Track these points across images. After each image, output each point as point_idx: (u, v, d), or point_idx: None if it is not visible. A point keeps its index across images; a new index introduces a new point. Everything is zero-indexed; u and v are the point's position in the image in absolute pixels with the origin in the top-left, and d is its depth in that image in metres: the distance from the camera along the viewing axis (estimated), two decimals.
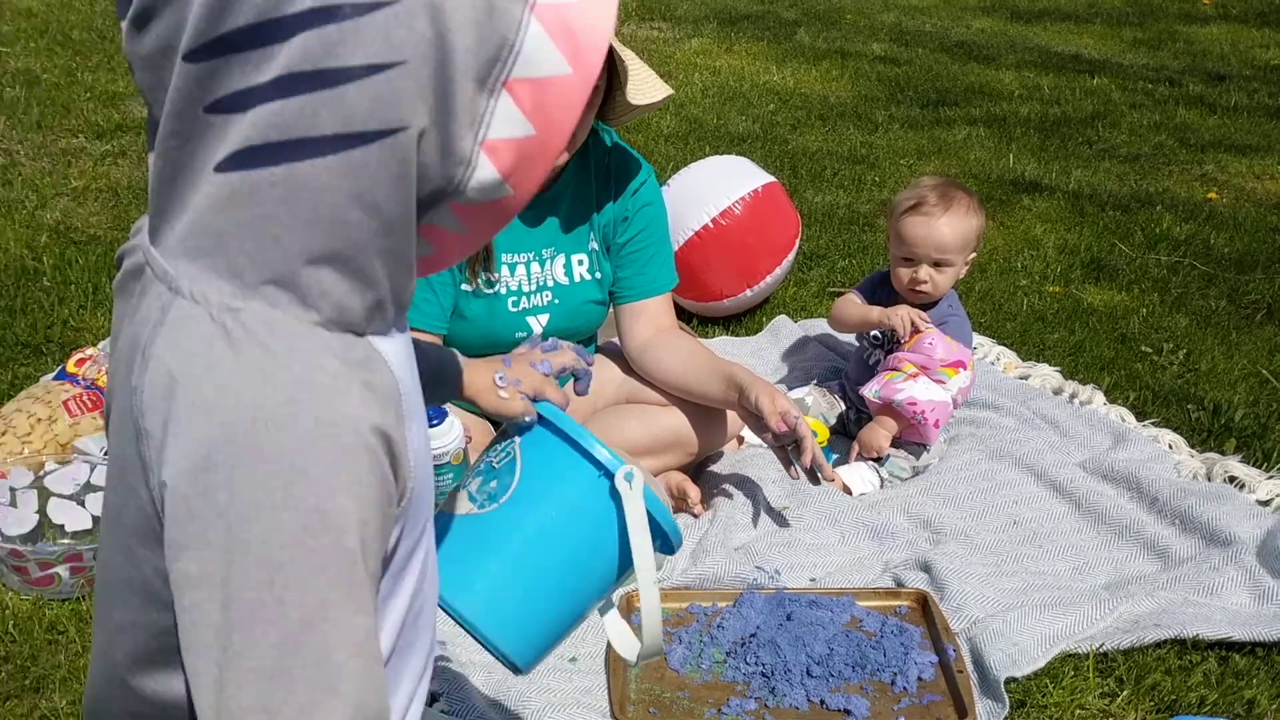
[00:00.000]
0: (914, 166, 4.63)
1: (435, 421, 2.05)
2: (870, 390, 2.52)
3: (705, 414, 2.34)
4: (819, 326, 3.20)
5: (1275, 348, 3.16)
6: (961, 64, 6.35)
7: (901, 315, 2.56)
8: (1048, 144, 5.01)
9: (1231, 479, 2.49)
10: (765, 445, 2.57)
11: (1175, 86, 6.01)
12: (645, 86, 2.09)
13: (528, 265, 2.25)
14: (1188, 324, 3.30)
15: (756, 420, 2.21)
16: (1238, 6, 8.10)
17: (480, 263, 2.19)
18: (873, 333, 2.68)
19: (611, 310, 2.43)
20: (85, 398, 2.53)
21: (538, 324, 2.29)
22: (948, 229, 2.55)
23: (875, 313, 2.62)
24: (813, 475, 2.23)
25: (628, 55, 2.06)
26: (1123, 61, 6.56)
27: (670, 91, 2.11)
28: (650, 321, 2.36)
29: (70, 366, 2.65)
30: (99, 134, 4.50)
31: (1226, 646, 2.00)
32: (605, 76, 2.07)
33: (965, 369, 2.55)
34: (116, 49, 5.59)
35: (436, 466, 1.98)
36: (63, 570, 2.03)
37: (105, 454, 2.42)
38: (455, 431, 2.12)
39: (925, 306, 2.64)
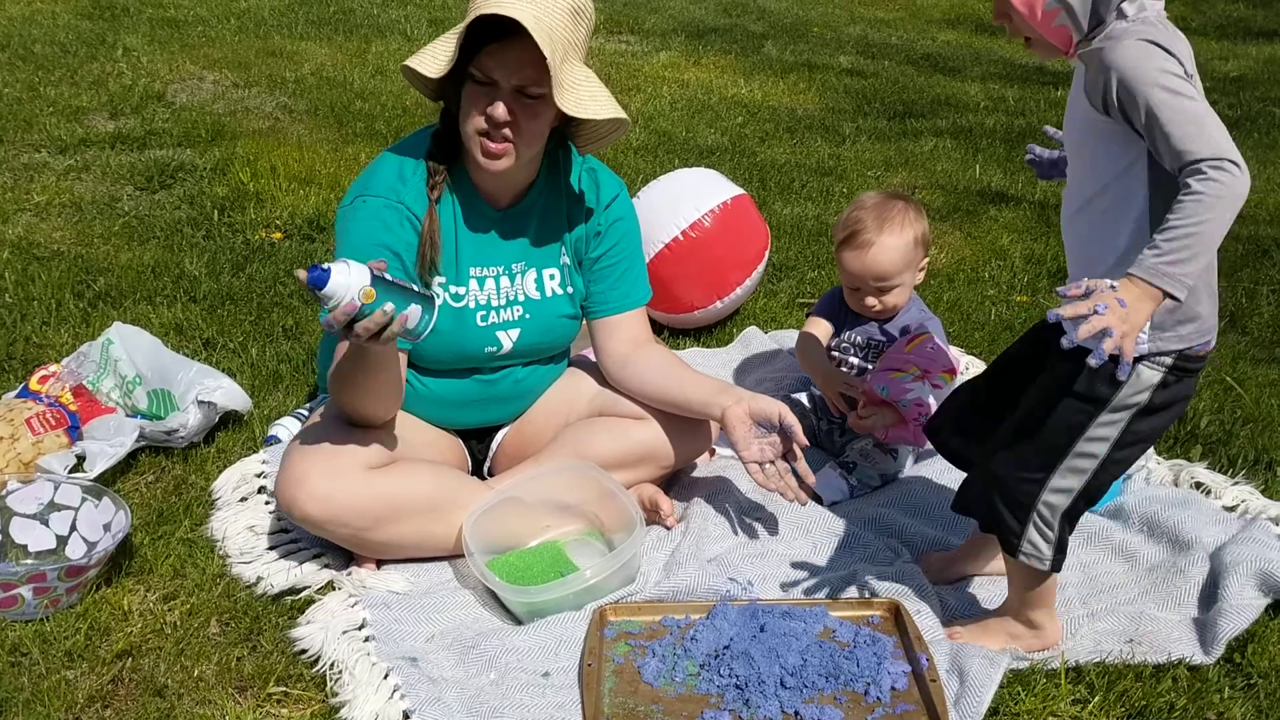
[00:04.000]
0: (881, 178, 4.66)
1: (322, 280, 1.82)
2: (877, 386, 2.50)
3: (682, 427, 2.34)
4: (789, 338, 3.21)
5: (1239, 355, 3.20)
6: (927, 76, 6.41)
7: (851, 387, 2.57)
8: (1014, 155, 5.06)
9: (1198, 485, 2.52)
10: (737, 457, 2.57)
11: None
12: (589, 101, 2.06)
13: (497, 279, 2.24)
14: None
15: (740, 430, 2.22)
16: (1196, 20, 8.23)
17: (427, 266, 2.16)
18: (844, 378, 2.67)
19: (585, 324, 2.43)
20: (48, 415, 2.49)
21: (508, 339, 2.27)
22: (883, 257, 2.52)
23: (837, 380, 2.61)
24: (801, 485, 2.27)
25: (581, 74, 2.06)
26: None
27: (621, 115, 2.10)
28: (627, 336, 2.36)
29: (33, 384, 2.62)
30: (62, 149, 4.46)
31: None
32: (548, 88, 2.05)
33: (955, 375, 2.57)
34: (80, 63, 5.55)
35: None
36: (25, 591, 1.99)
37: (69, 472, 2.38)
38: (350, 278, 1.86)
39: (891, 318, 2.66)
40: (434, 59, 2.02)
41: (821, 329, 2.72)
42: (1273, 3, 8.77)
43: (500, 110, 2.02)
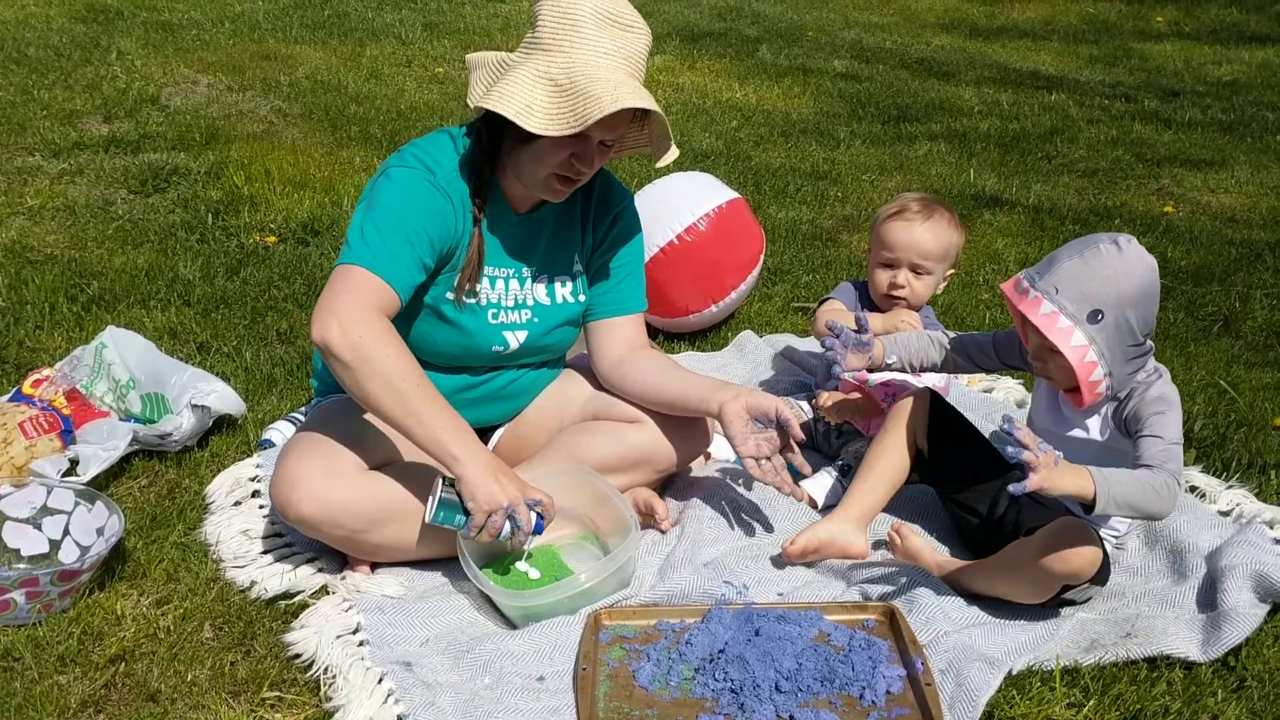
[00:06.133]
0: (876, 182, 4.67)
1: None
2: (847, 372, 2.53)
3: (678, 430, 2.34)
4: (784, 341, 3.21)
5: (1232, 359, 3.21)
6: (922, 80, 6.42)
7: (904, 318, 2.65)
8: (1007, 159, 5.07)
9: (1193, 489, 2.52)
10: (734, 460, 2.57)
11: (1131, 102, 6.10)
12: (669, 152, 2.20)
13: (507, 281, 2.26)
14: None
15: (738, 424, 2.22)
16: (1190, 24, 8.25)
17: (470, 278, 2.19)
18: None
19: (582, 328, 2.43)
20: (41, 419, 2.49)
21: (515, 339, 2.28)
22: (929, 234, 2.62)
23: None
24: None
25: (665, 125, 2.13)
26: (1080, 78, 6.66)
27: (676, 153, 2.22)
28: (624, 339, 2.37)
29: (26, 388, 2.61)
30: (55, 152, 4.45)
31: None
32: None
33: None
34: (73, 66, 5.54)
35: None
36: (18, 595, 1.98)
37: (62, 476, 2.38)
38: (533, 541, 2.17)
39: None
40: (529, 111, 2.00)
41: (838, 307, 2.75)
42: (1265, 8, 8.80)
43: (590, 164, 2.10)
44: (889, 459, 2.32)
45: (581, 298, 2.34)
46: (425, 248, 2.09)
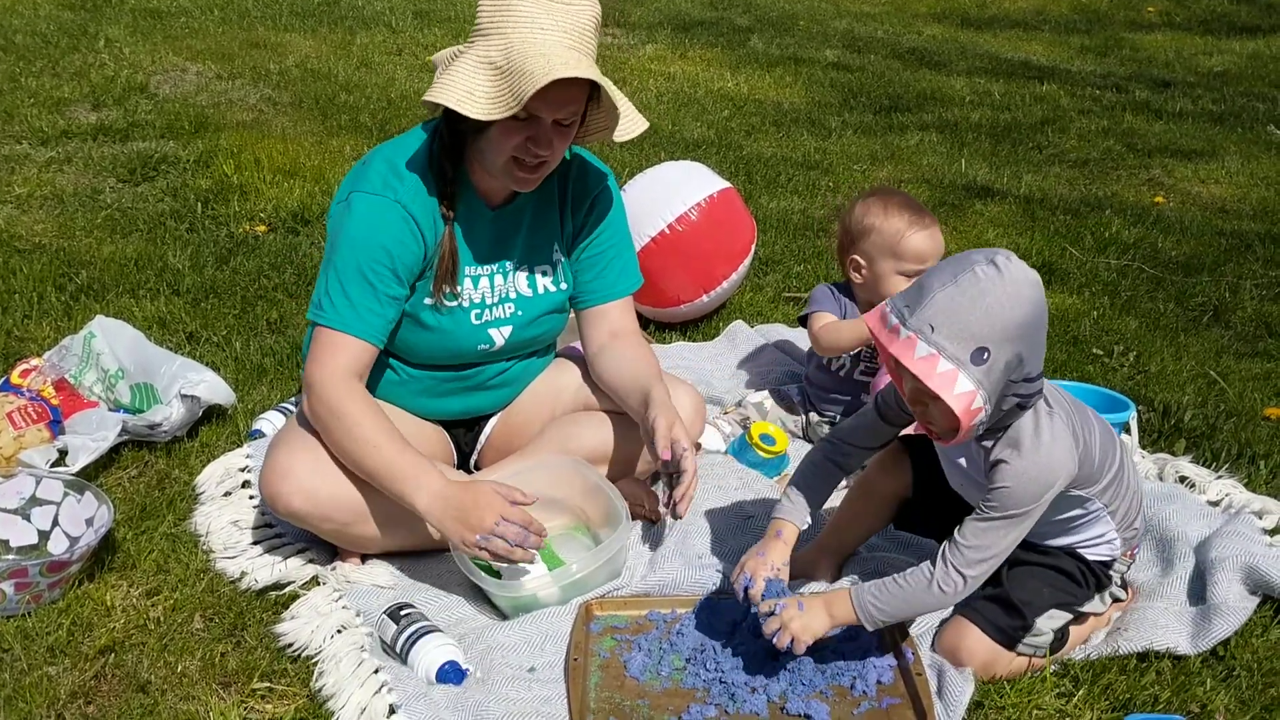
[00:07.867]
0: (867, 172, 4.67)
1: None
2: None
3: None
4: (776, 332, 3.21)
5: (1222, 349, 3.22)
6: (913, 70, 6.42)
7: None
8: (999, 149, 5.07)
9: (1182, 479, 2.53)
10: (725, 450, 2.57)
11: (1122, 93, 6.11)
12: (628, 124, 2.08)
13: (490, 278, 2.23)
14: (1137, 326, 3.35)
15: (651, 442, 2.15)
16: (1181, 15, 8.26)
17: (446, 279, 2.17)
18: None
19: (572, 315, 2.42)
20: (30, 409, 2.48)
21: (500, 336, 2.27)
22: (940, 235, 2.63)
23: None
24: (673, 509, 2.12)
25: (614, 94, 2.02)
26: (1071, 68, 6.66)
27: (646, 125, 2.11)
28: (608, 326, 2.35)
29: (14, 377, 2.60)
30: (43, 140, 4.43)
31: None
32: (584, 108, 2.07)
33: None
34: (61, 54, 5.50)
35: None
36: (7, 586, 1.98)
37: (51, 466, 2.37)
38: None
39: None
40: (470, 97, 1.96)
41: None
42: None
43: (548, 146, 2.04)
44: (860, 516, 2.18)
45: (564, 285, 2.31)
46: (389, 282, 2.09)
